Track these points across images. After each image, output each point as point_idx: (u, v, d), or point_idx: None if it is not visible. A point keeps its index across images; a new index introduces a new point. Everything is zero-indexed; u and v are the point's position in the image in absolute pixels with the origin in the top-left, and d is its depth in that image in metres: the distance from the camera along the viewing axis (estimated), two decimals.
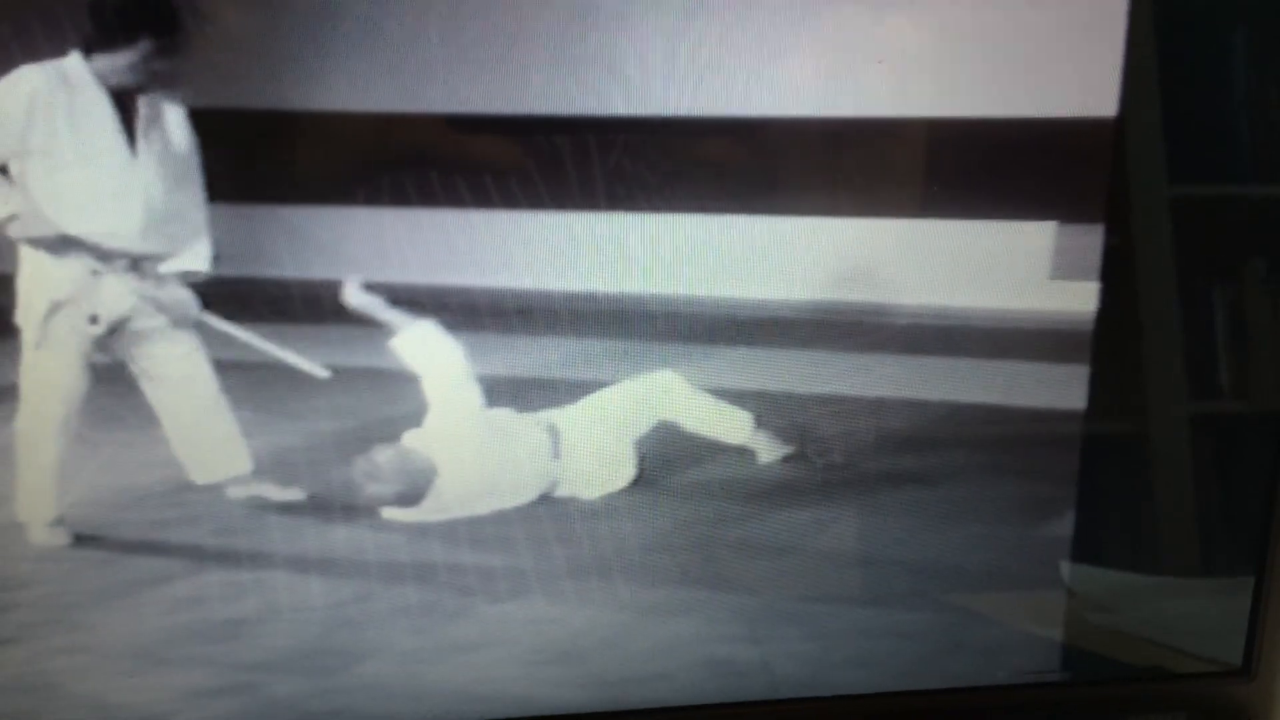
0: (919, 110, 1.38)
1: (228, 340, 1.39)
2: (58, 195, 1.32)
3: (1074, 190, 1.42)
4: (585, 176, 1.36)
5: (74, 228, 1.34)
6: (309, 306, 1.38)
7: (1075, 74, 1.37)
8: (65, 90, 1.29)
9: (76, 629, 1.38)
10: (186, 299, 1.37)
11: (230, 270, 1.36)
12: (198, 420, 1.41)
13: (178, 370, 1.40)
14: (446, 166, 1.35)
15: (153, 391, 1.41)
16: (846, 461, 1.47)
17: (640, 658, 1.46)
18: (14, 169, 1.30)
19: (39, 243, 1.33)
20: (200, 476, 1.42)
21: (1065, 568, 1.52)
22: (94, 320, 1.37)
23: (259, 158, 1.36)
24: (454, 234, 1.38)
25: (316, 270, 1.38)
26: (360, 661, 1.42)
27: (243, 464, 1.43)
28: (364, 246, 1.38)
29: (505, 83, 1.34)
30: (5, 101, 1.26)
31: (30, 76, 1.26)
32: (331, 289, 1.39)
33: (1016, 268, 1.46)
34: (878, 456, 1.47)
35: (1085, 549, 1.51)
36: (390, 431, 1.44)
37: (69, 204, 1.33)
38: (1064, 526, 1.50)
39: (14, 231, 1.32)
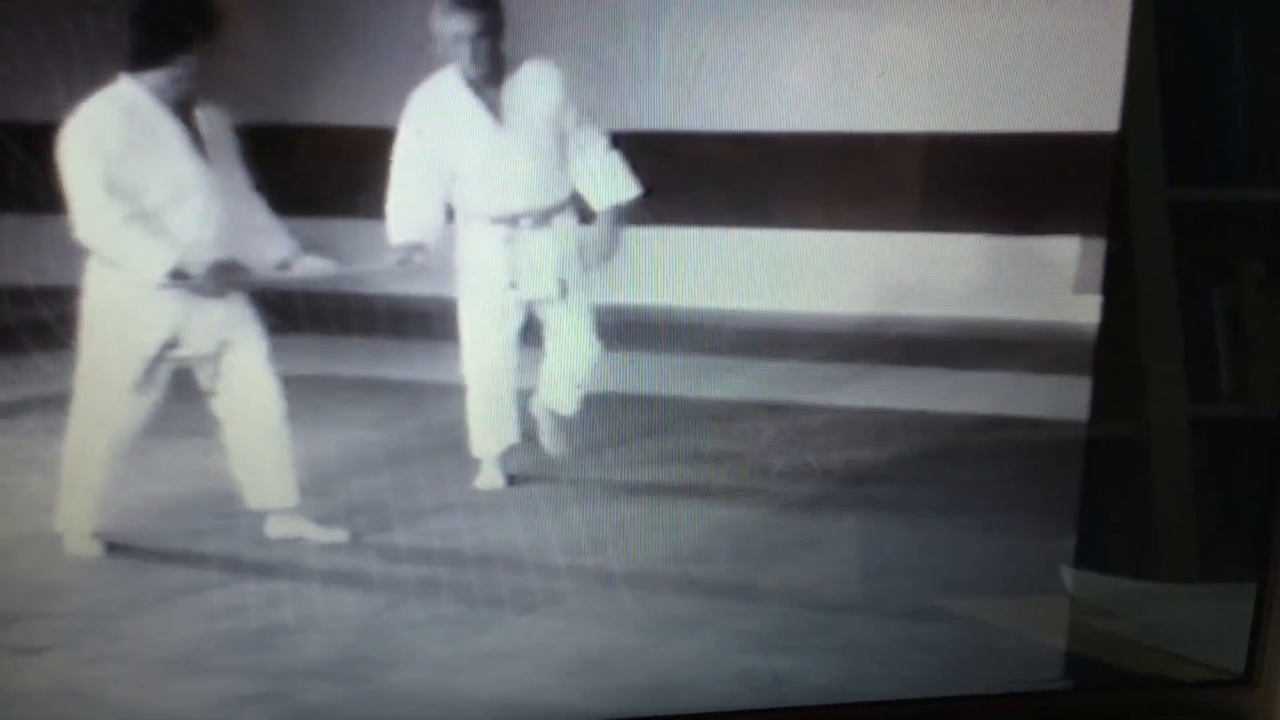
0: (929, 126, 1.40)
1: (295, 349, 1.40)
2: (173, 222, 1.33)
3: (1081, 203, 1.45)
4: None
5: (182, 250, 1.34)
6: (339, 318, 1.40)
7: (1080, 88, 1.39)
8: (136, 119, 1.29)
9: (112, 637, 1.38)
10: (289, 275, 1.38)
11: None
12: (259, 440, 1.41)
13: (248, 385, 1.41)
14: None
15: (221, 408, 1.41)
16: (850, 472, 1.49)
17: (667, 667, 1.47)
18: (131, 209, 1.30)
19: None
20: (252, 501, 1.42)
21: (1068, 575, 1.53)
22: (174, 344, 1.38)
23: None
24: None
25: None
26: (392, 670, 1.42)
27: (290, 497, 1.43)
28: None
29: None
30: (102, 138, 1.26)
31: (101, 115, 1.26)
32: (359, 301, 1.41)
33: (1034, 282, 1.48)
34: (880, 468, 1.49)
35: (1088, 556, 1.52)
36: (427, 442, 1.46)
37: (175, 227, 1.33)
38: (1067, 534, 1.52)
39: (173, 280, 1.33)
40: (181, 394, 1.39)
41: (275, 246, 1.36)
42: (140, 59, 1.27)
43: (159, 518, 1.41)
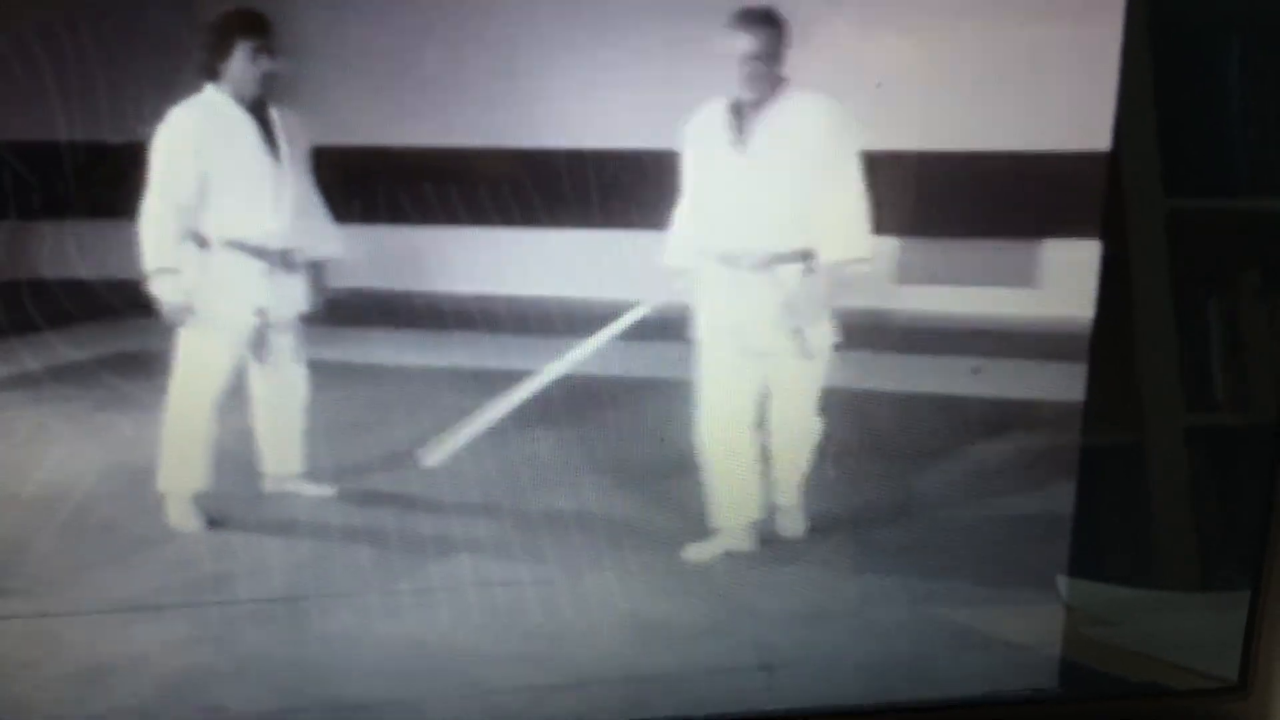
0: (935, 144, 1.41)
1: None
2: (239, 211, 1.41)
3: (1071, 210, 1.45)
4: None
5: (256, 239, 1.42)
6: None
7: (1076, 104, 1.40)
8: (217, 118, 1.38)
9: (76, 585, 1.42)
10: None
11: None
12: (286, 412, 1.47)
13: (286, 362, 1.47)
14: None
15: (259, 381, 1.48)
16: (843, 477, 1.49)
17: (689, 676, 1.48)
18: (190, 198, 1.37)
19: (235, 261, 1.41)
20: (268, 466, 1.48)
21: (1063, 583, 1.52)
22: (260, 313, 1.45)
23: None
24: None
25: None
26: (326, 614, 1.44)
27: (296, 464, 1.49)
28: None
29: None
30: (179, 139, 1.33)
31: (185, 117, 1.34)
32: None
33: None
34: (875, 474, 1.50)
35: (1083, 564, 1.52)
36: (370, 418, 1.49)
37: (247, 216, 1.41)
38: (1062, 541, 1.51)
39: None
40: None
41: (324, 245, 1.42)
42: (207, 68, 1.36)
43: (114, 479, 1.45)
